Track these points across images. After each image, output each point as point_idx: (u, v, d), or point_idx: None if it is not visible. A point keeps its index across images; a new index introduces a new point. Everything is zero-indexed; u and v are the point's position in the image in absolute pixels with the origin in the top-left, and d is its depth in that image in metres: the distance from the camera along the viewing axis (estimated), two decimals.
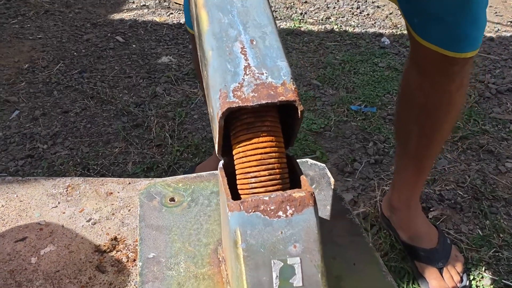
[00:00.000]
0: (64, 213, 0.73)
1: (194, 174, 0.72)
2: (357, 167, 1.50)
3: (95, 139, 1.61)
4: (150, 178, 0.80)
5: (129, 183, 0.80)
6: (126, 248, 0.68)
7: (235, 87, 0.37)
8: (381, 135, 1.63)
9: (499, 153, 1.55)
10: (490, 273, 1.17)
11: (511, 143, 1.59)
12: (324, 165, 0.77)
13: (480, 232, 1.27)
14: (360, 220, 1.31)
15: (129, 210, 0.74)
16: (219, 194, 0.70)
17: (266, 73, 0.38)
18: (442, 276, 1.12)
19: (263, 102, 0.37)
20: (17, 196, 0.75)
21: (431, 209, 1.35)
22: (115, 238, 0.69)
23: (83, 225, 0.71)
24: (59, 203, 0.74)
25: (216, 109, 0.38)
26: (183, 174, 1.03)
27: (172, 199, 0.67)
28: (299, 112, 0.38)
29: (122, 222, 0.72)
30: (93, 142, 1.60)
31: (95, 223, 0.71)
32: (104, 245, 0.68)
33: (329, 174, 0.76)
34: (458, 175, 1.47)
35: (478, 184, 1.42)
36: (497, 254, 1.21)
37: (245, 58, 0.39)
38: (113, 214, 0.73)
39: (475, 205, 1.36)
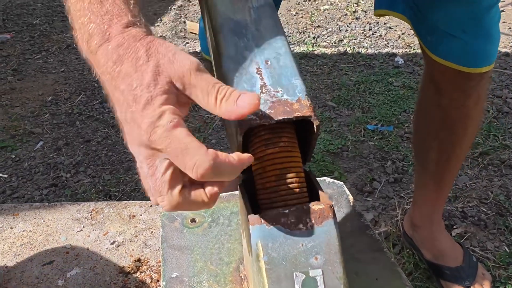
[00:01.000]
0: (89, 236, 0.74)
1: None
2: (376, 186, 1.49)
3: (116, 167, 1.65)
4: None
5: (151, 206, 0.81)
6: (150, 269, 0.69)
7: None
8: (399, 153, 1.62)
9: None
10: None
11: None
12: (342, 183, 0.78)
13: (507, 249, 1.24)
14: (382, 239, 1.29)
15: (152, 232, 0.75)
16: (239, 214, 0.72)
17: (281, 91, 0.40)
18: None
19: (280, 118, 0.38)
20: (44, 221, 0.78)
21: (454, 227, 1.32)
22: (139, 260, 0.70)
23: (107, 248, 0.72)
24: (84, 227, 0.76)
25: (234, 127, 0.39)
26: None
27: (193, 220, 0.69)
28: (315, 127, 0.40)
29: (145, 243, 0.73)
30: (114, 169, 1.64)
31: (119, 246, 0.73)
32: (128, 267, 0.69)
33: (347, 191, 0.76)
34: (480, 192, 1.44)
35: (502, 200, 1.40)
36: None
37: (260, 77, 0.41)
38: (136, 236, 0.75)
39: (499, 222, 1.33)
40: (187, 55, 0.36)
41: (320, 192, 0.43)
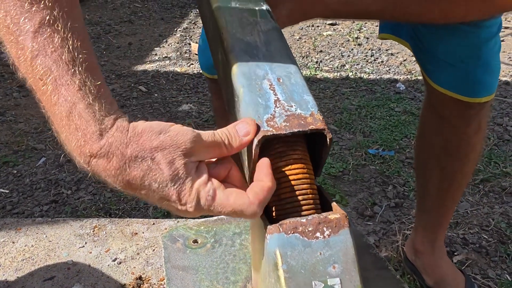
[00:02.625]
0: (90, 252, 0.74)
1: (215, 217, 0.74)
2: (377, 211, 1.48)
3: None
4: (174, 219, 0.82)
5: (153, 224, 0.81)
6: (151, 287, 0.68)
7: (268, 118, 0.40)
8: (400, 178, 1.62)
9: None
10: None
11: None
12: (341, 205, 0.78)
13: (509, 277, 1.23)
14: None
15: (154, 250, 0.75)
16: (241, 235, 0.72)
17: (294, 105, 0.41)
18: None
19: (295, 130, 0.39)
20: (46, 236, 0.78)
21: (456, 253, 1.31)
22: (140, 277, 0.70)
23: (109, 265, 0.72)
24: (86, 243, 0.76)
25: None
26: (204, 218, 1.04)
27: (195, 241, 0.69)
28: (328, 140, 0.41)
29: (147, 261, 0.73)
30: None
31: (120, 263, 0.73)
32: (129, 284, 0.69)
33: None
34: (481, 218, 1.44)
35: (503, 227, 1.39)
36: None
37: (274, 93, 0.42)
38: (138, 253, 0.74)
39: (501, 249, 1.32)
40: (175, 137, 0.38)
41: (333, 204, 0.43)
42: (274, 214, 0.42)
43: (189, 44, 2.88)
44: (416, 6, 0.65)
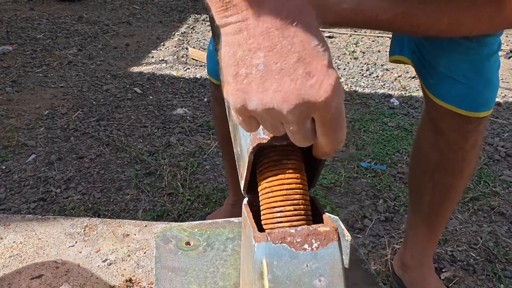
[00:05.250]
0: (80, 252, 0.73)
1: (210, 221, 0.74)
2: (367, 224, 1.49)
3: (108, 185, 1.63)
4: (166, 222, 0.81)
5: (146, 226, 0.81)
6: None
7: None
8: (391, 192, 1.63)
9: (511, 215, 1.53)
10: None
11: None
12: (337, 217, 0.78)
13: None
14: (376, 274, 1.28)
15: (145, 252, 0.74)
16: (234, 240, 0.71)
17: None
18: None
19: (291, 140, 0.39)
20: (35, 233, 0.76)
21: (444, 270, 1.32)
22: (130, 280, 0.69)
23: (98, 265, 0.71)
24: (76, 242, 0.75)
25: (246, 145, 0.40)
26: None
27: (187, 243, 0.68)
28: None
29: (138, 264, 0.72)
30: (106, 188, 1.62)
31: (110, 264, 0.72)
32: (119, 286, 0.68)
33: (342, 225, 0.77)
34: (470, 236, 1.45)
35: (491, 246, 1.40)
36: None
37: None
38: (128, 255, 0.74)
39: (488, 268, 1.33)
40: None
41: (324, 216, 0.43)
42: (264, 222, 0.42)
43: (187, 48, 2.88)
44: (425, 18, 0.65)
